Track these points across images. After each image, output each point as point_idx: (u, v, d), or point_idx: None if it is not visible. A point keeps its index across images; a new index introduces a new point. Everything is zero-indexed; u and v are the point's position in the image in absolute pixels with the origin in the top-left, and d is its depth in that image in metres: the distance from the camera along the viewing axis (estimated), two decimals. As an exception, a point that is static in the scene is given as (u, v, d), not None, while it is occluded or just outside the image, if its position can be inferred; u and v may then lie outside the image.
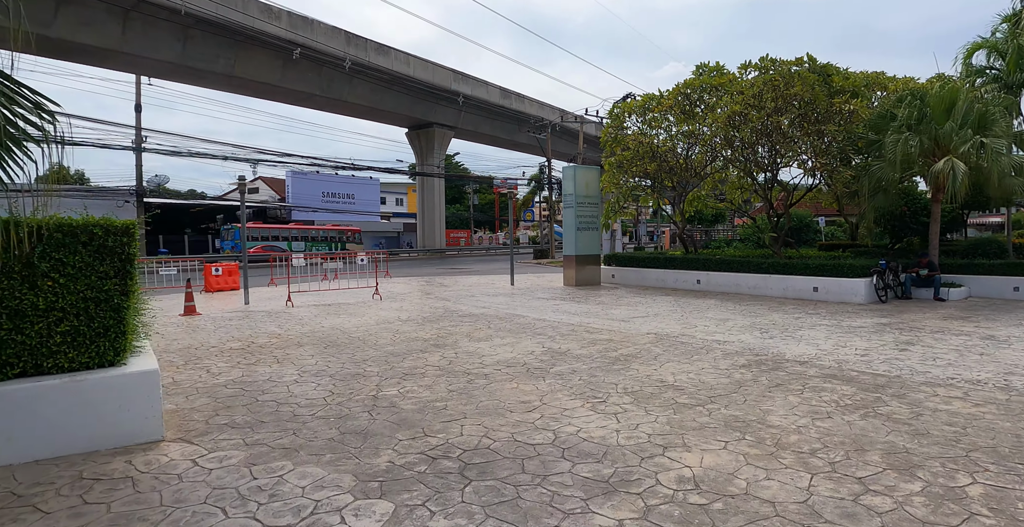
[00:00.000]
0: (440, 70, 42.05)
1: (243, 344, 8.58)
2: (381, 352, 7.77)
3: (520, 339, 8.56)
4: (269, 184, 62.10)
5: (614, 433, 4.49)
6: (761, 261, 14.64)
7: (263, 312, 12.22)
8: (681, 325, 9.72)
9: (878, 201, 13.94)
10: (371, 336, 9.03)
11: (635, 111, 16.79)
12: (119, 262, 4.54)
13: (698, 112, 15.85)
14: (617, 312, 11.42)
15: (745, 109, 13.03)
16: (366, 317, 11.16)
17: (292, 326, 10.19)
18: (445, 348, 7.96)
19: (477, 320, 10.55)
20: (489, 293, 15.55)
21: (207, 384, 6.24)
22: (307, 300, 14.20)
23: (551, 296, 14.58)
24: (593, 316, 10.90)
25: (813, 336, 8.63)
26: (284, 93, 37.60)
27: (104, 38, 28.66)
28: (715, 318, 10.49)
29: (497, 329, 9.51)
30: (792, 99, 13.07)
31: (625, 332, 9.06)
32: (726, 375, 6.29)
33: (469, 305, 12.88)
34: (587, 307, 12.29)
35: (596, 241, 17.69)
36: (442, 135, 47.42)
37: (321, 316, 11.44)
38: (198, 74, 33.39)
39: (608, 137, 17.53)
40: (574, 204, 17.14)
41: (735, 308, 11.89)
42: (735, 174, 17.46)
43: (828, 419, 4.80)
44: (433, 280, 20.83)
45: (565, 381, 6.07)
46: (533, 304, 12.90)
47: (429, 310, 12.14)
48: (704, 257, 16.04)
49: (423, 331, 9.41)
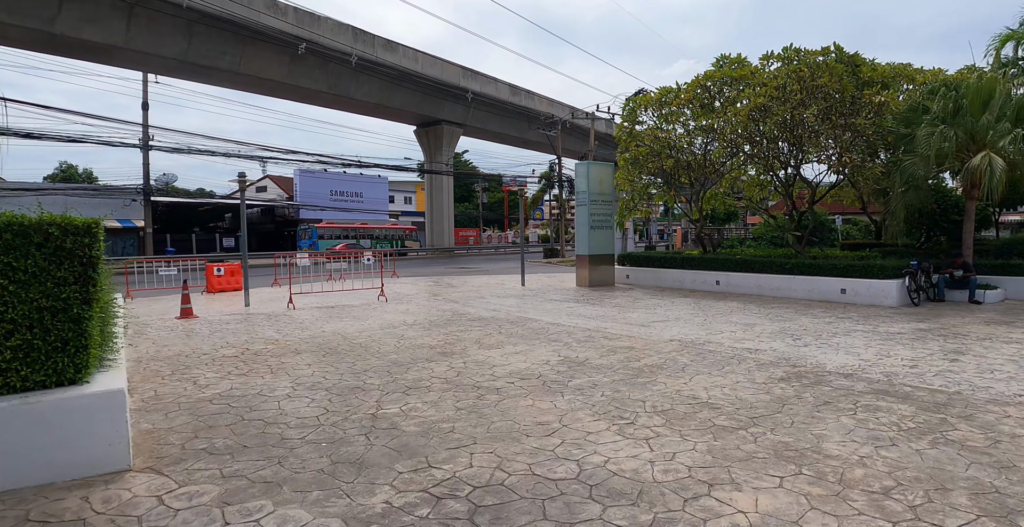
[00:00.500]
0: (449, 66, 41.48)
1: (237, 351, 8.02)
2: (384, 361, 7.18)
3: (534, 346, 7.95)
4: (277, 183, 61.78)
5: (648, 465, 3.87)
6: (784, 261, 13.95)
7: (263, 315, 11.67)
8: (705, 331, 9.07)
9: (909, 198, 13.22)
10: (374, 342, 8.45)
11: (651, 105, 16.12)
12: (79, 266, 3.96)
13: (717, 106, 15.17)
14: (635, 316, 10.78)
15: (768, 102, 12.34)
16: (370, 321, 10.59)
17: (291, 331, 9.62)
18: (453, 357, 7.36)
19: (487, 324, 9.94)
20: (499, 294, 14.95)
21: (191, 399, 5.67)
22: (310, 302, 13.65)
23: (564, 298, 13.96)
24: (610, 320, 10.27)
25: (851, 344, 7.96)
26: (291, 90, 37.14)
27: (109, 34, 28.26)
28: (740, 323, 9.83)
29: (509, 335, 8.90)
30: (818, 91, 12.37)
31: (646, 339, 8.43)
32: (764, 390, 5.65)
33: (478, 307, 12.28)
34: (603, 310, 11.66)
35: (610, 240, 17.05)
36: (451, 133, 46.86)
37: (323, 320, 10.88)
38: (204, 71, 32.99)
39: (622, 132, 16.87)
40: (587, 202, 16.50)
41: (760, 311, 11.23)
42: (753, 171, 16.78)
43: (893, 447, 4.16)
44: (441, 280, 20.26)
45: (586, 397, 5.45)
46: (546, 307, 12.29)
47: (436, 313, 11.55)
48: (723, 257, 15.37)
49: (430, 337, 8.82)
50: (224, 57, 32.10)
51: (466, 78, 42.60)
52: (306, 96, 38.70)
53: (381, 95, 39.88)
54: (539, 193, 55.08)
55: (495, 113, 47.44)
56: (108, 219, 4.41)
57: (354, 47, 35.38)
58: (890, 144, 13.36)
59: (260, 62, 33.50)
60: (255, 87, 36.65)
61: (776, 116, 12.26)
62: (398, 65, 37.91)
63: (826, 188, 17.29)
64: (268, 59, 33.66)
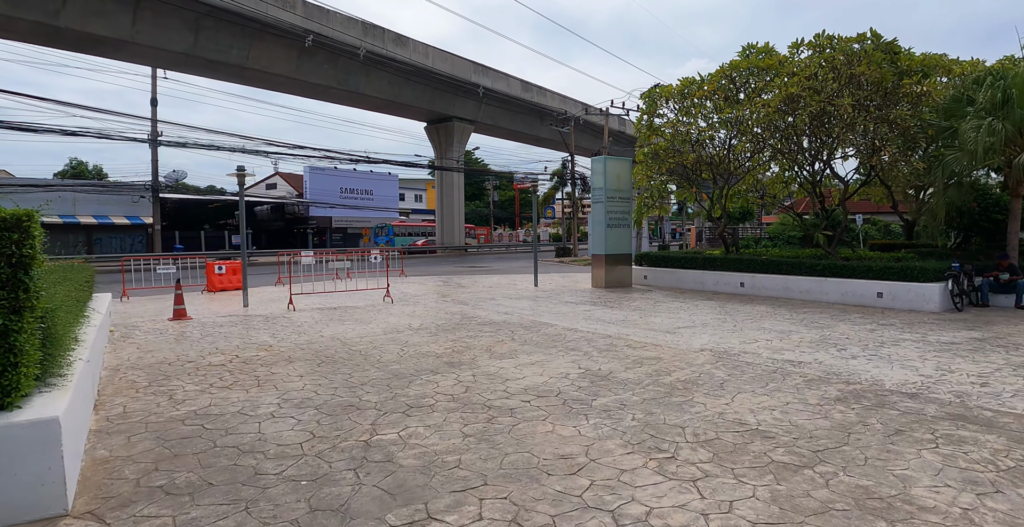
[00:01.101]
0: (460, 61, 40.76)
1: (226, 358, 7.32)
2: (384, 373, 6.45)
3: (551, 356, 7.20)
4: (287, 180, 61.38)
5: (701, 519, 3.11)
6: (815, 262, 13.10)
7: (260, 317, 10.99)
8: (738, 338, 8.27)
9: (950, 195, 12.34)
10: (375, 350, 7.73)
11: (671, 97, 15.29)
12: (5, 268, 3.26)
13: (743, 97, 14.34)
14: (658, 321, 10.00)
15: (802, 91, 11.48)
16: (373, 324, 9.87)
17: (288, 335, 8.92)
18: (461, 368, 6.62)
19: (499, 329, 9.20)
20: (511, 296, 14.20)
21: (162, 417, 4.97)
22: (311, 303, 12.97)
23: (580, 300, 13.19)
24: (631, 325, 9.49)
25: (903, 355, 7.14)
26: (299, 86, 36.55)
27: (114, 28, 27.77)
28: (775, 330, 9.02)
29: (522, 342, 8.15)
30: (855, 80, 11.50)
31: (674, 348, 7.65)
32: (821, 413, 4.87)
33: (489, 310, 11.55)
34: (622, 314, 10.88)
35: (627, 239, 16.25)
36: (461, 129, 46.15)
37: (323, 323, 10.17)
38: (211, 66, 32.43)
39: (641, 125, 16.06)
40: (604, 199, 15.71)
41: (792, 317, 10.40)
42: (777, 167, 15.92)
43: (999, 495, 3.37)
44: (451, 280, 19.55)
45: (615, 421, 4.69)
46: (561, 310, 11.53)
47: (444, 316, 10.82)
48: (748, 257, 14.53)
49: (436, 344, 8.09)
50: (232, 51, 31.55)
51: (477, 73, 41.87)
52: (315, 92, 38.11)
53: (391, 91, 39.24)
54: (551, 191, 54.21)
55: (507, 110, 46.68)
56: (46, 210, 3.69)
57: (363, 41, 34.74)
58: (930, 138, 12.46)
59: (268, 57, 32.93)
60: (263, 82, 36.11)
61: (810, 107, 11.40)
62: (408, 60, 37.23)
63: (857, 184, 16.41)
64: (276, 54, 33.09)
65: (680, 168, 15.92)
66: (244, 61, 32.26)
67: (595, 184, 16.03)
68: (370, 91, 38.28)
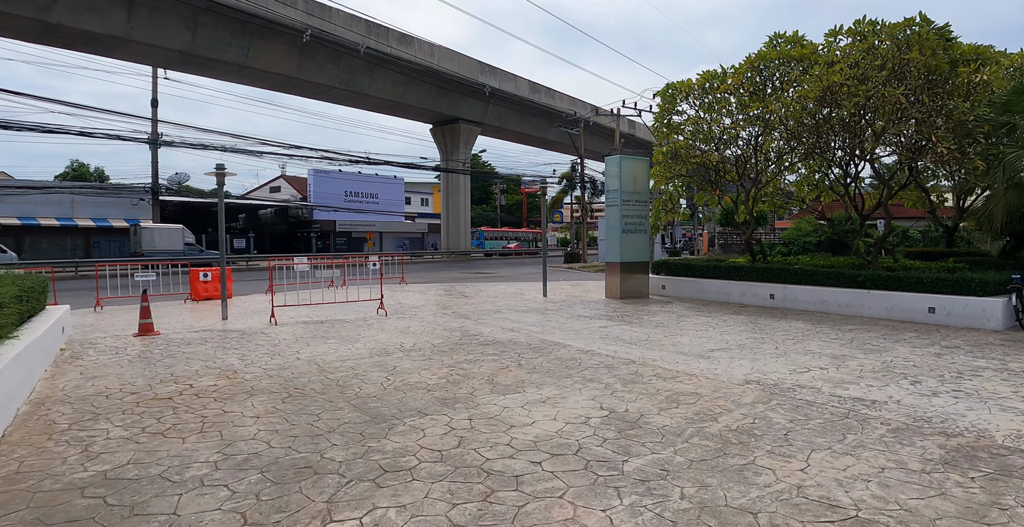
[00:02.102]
0: (466, 60, 39.68)
1: (176, 389, 6.13)
2: (360, 413, 5.23)
3: (565, 389, 5.95)
4: (291, 182, 60.46)
5: None
6: (855, 273, 11.80)
7: (237, 332, 9.80)
8: (786, 366, 7.00)
9: (1010, 198, 11.03)
10: (355, 379, 6.51)
11: (692, 91, 14.04)
12: None
13: (771, 90, 13.09)
14: (686, 341, 8.73)
15: (845, 80, 10.21)
16: (360, 343, 8.65)
17: (259, 357, 7.72)
18: (455, 407, 5.39)
19: (503, 352, 7.96)
20: (518, 308, 12.97)
21: (60, 482, 3.77)
22: (297, 316, 11.78)
23: (594, 313, 11.94)
24: (657, 347, 8.23)
25: (994, 391, 5.85)
26: (301, 85, 35.56)
27: (108, 24, 26.83)
28: (825, 354, 7.73)
29: (531, 369, 6.91)
30: (907, 67, 10.23)
31: (713, 378, 6.39)
32: (935, 487, 3.61)
33: (493, 326, 10.32)
34: (644, 331, 9.62)
35: (644, 246, 14.99)
36: (468, 131, 45.06)
37: (303, 340, 8.97)
38: (209, 64, 31.48)
39: (658, 123, 14.83)
40: (619, 201, 14.45)
41: (839, 336, 9.11)
42: (803, 168, 14.64)
43: None
44: (453, 288, 18.33)
45: (658, 502, 3.45)
46: (574, 326, 10.28)
47: (442, 333, 9.60)
48: (779, 266, 13.23)
49: (429, 371, 6.86)
50: (231, 50, 30.57)
51: (484, 73, 40.77)
52: (317, 92, 37.11)
53: (396, 91, 38.19)
54: (560, 194, 52.96)
55: (514, 111, 45.58)
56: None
57: (367, 40, 33.68)
58: (986, 133, 11.16)
59: (269, 55, 31.94)
60: (264, 82, 35.13)
61: (856, 97, 10.11)
62: (413, 59, 36.16)
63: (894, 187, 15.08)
64: (277, 52, 32.10)
65: (702, 169, 14.68)
66: (244, 60, 31.29)
67: (610, 186, 14.79)
68: (374, 91, 37.25)
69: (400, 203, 61.92)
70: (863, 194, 14.72)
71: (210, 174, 10.99)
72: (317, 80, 34.46)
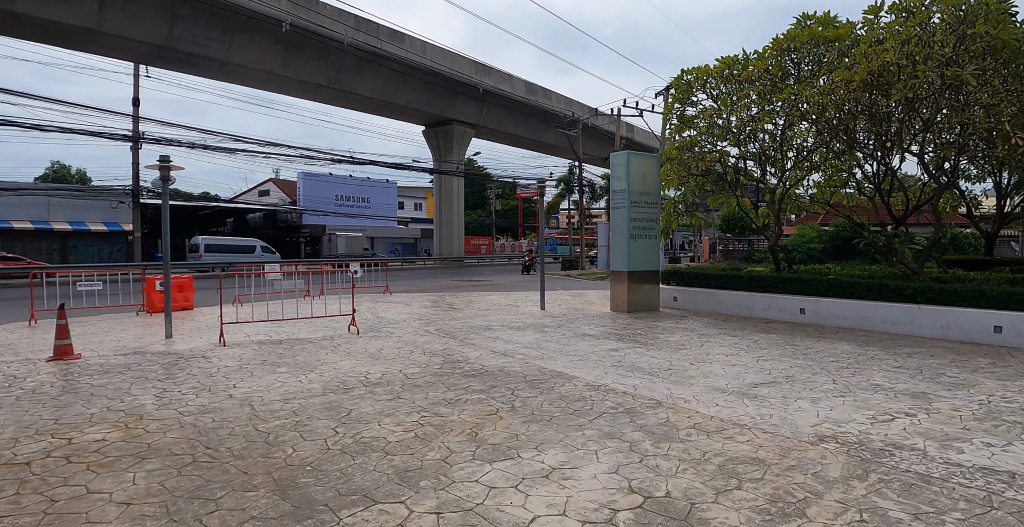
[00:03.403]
0: (460, 59, 38.15)
1: (48, 446, 4.48)
2: (280, 498, 3.58)
3: (576, 454, 4.31)
4: (280, 186, 58.82)
5: None
6: (901, 285, 10.23)
7: (173, 356, 8.14)
8: (859, 409, 5.39)
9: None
10: (293, 431, 4.87)
11: (710, 79, 12.47)
12: None
13: (799, 77, 11.55)
14: (719, 370, 7.11)
15: (901, 59, 8.66)
16: (315, 373, 7.00)
17: (182, 394, 6.07)
18: (420, 487, 3.75)
19: (493, 386, 6.33)
20: (512, 324, 11.34)
21: None
22: (256, 333, 10.13)
23: (601, 331, 10.32)
24: (684, 379, 6.61)
25: None
26: (287, 83, 33.94)
27: (79, 15, 25.19)
28: (899, 390, 6.12)
29: (528, 415, 5.28)
30: (968, 43, 8.68)
31: (773, 432, 4.77)
32: None
33: (483, 348, 8.68)
34: (663, 356, 8.00)
35: (654, 253, 13.39)
36: (462, 133, 43.50)
37: (249, 368, 7.31)
38: (189, 60, 29.84)
39: (670, 116, 13.26)
40: (626, 203, 12.86)
41: (900, 363, 7.51)
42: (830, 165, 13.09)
43: None
44: (442, 299, 16.67)
45: None
46: (578, 348, 8.65)
47: (420, 359, 7.95)
48: (809, 277, 11.63)
49: (393, 418, 5.22)
50: (211, 44, 28.96)
51: (479, 72, 39.23)
52: (304, 90, 35.49)
53: (387, 90, 36.62)
54: (557, 199, 51.43)
55: (510, 113, 44.07)
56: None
57: (356, 36, 32.09)
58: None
59: (252, 51, 30.35)
60: (248, 79, 33.49)
61: (914, 79, 8.54)
62: (405, 57, 34.59)
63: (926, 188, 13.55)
64: (261, 48, 30.51)
65: (717, 168, 13.12)
66: (225, 55, 29.68)
67: (616, 186, 13.18)
68: (364, 91, 35.67)
69: (393, 207, 60.32)
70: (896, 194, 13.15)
71: (152, 167, 9.36)
72: (303, 77, 32.87)
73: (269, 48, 30.74)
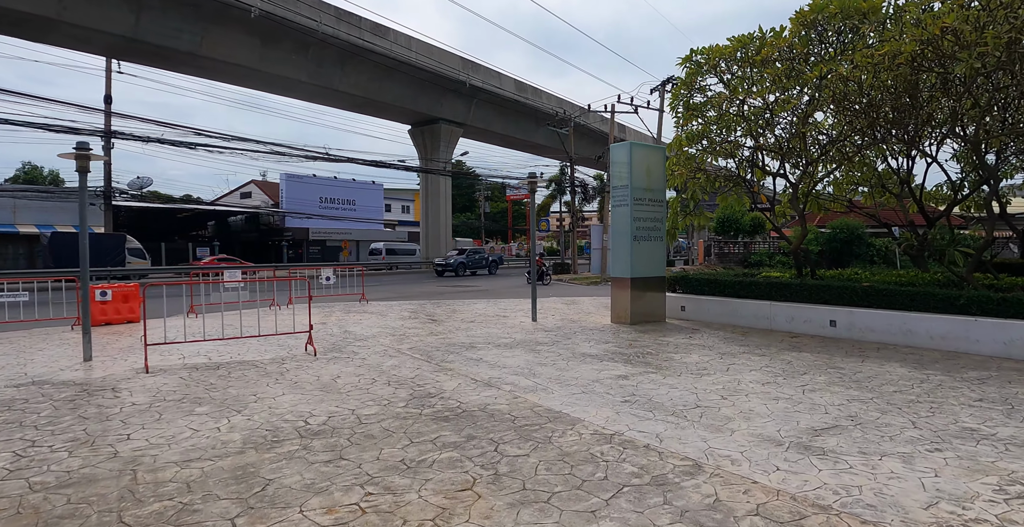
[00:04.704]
0: (447, 56, 36.62)
1: None
2: None
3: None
4: (262, 188, 57.00)
5: None
6: (951, 293, 8.80)
7: (76, 387, 6.54)
8: (969, 473, 3.91)
9: None
10: (169, 523, 3.32)
11: (722, 60, 11.00)
12: None
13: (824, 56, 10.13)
14: (761, 409, 5.61)
15: (961, 26, 7.25)
16: (242, 416, 5.43)
17: (49, 453, 4.49)
18: None
19: (471, 439, 4.78)
20: (500, 340, 9.81)
21: None
22: (195, 353, 8.53)
23: (604, 350, 8.80)
24: (721, 423, 5.10)
25: None
26: (265, 79, 32.27)
27: (36, 3, 23.44)
28: (1004, 439, 4.65)
29: (514, 493, 3.75)
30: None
31: (875, 520, 3.27)
32: None
33: (463, 375, 7.14)
34: (685, 386, 6.49)
35: (660, 256, 11.92)
36: (449, 132, 41.93)
37: (159, 408, 5.73)
38: (159, 52, 28.12)
39: (677, 103, 11.80)
40: (629, 201, 11.37)
41: (981, 394, 6.05)
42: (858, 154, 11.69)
43: None
44: (423, 308, 15.10)
45: None
46: (580, 374, 7.13)
47: (382, 392, 6.39)
48: (839, 284, 10.18)
49: (323, 498, 3.67)
50: (182, 36, 27.27)
51: (467, 69, 37.72)
52: (283, 87, 33.82)
53: (371, 87, 35.01)
54: (547, 200, 49.96)
55: (499, 112, 42.55)
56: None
57: (338, 29, 30.51)
58: None
59: (226, 44, 28.68)
60: (223, 74, 31.77)
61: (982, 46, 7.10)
62: (388, 51, 33.01)
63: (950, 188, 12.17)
64: (235, 41, 28.85)
65: (732, 161, 11.68)
66: (197, 48, 27.99)
67: (616, 181, 11.70)
68: (346, 87, 34.04)
69: (379, 210, 58.71)
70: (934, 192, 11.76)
71: (66, 156, 7.78)
72: (282, 72, 31.21)
73: (244, 41, 29.11)
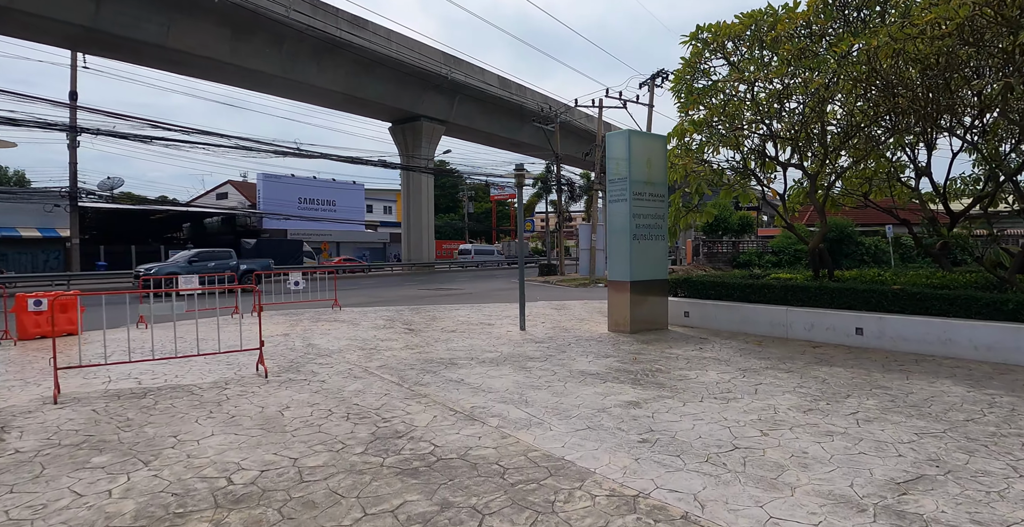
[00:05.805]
0: (429, 50, 35.34)
1: None
2: None
3: None
4: (239, 188, 55.24)
5: None
6: (997, 297, 7.74)
7: (-44, 426, 5.23)
8: None
9: None
10: None
11: (731, 39, 9.91)
12: None
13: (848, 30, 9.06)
14: (815, 450, 4.46)
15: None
16: (147, 470, 4.16)
17: None
18: None
19: (443, 512, 3.57)
20: (484, 355, 8.60)
21: None
22: (125, 374, 7.23)
23: (606, 367, 7.62)
24: (772, 475, 3.95)
25: None
26: (236, 73, 30.79)
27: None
28: None
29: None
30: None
31: None
32: None
33: (439, 404, 5.92)
34: (711, 416, 5.33)
35: (662, 258, 10.79)
36: (431, 130, 40.65)
37: (45, 458, 4.45)
38: (123, 44, 26.56)
39: (679, 87, 10.68)
40: (628, 195, 10.22)
41: (1068, 422, 4.97)
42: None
43: None
44: (400, 315, 13.83)
45: None
46: (582, 401, 5.94)
47: (337, 431, 5.15)
48: (865, 287, 9.09)
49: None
50: (147, 27, 25.75)
51: (448, 64, 36.44)
52: (256, 82, 32.36)
53: (349, 83, 33.65)
54: (533, 199, 48.80)
55: (482, 109, 41.36)
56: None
57: (313, 21, 29.10)
58: None
59: (195, 35, 27.20)
60: (191, 67, 30.23)
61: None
62: (367, 46, 31.67)
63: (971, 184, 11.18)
64: (205, 32, 27.38)
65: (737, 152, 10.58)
66: (164, 40, 26.47)
67: (613, 174, 10.53)
68: (323, 83, 32.65)
69: (360, 210, 57.17)
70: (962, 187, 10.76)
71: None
72: (254, 66, 29.76)
73: (214, 32, 27.65)
